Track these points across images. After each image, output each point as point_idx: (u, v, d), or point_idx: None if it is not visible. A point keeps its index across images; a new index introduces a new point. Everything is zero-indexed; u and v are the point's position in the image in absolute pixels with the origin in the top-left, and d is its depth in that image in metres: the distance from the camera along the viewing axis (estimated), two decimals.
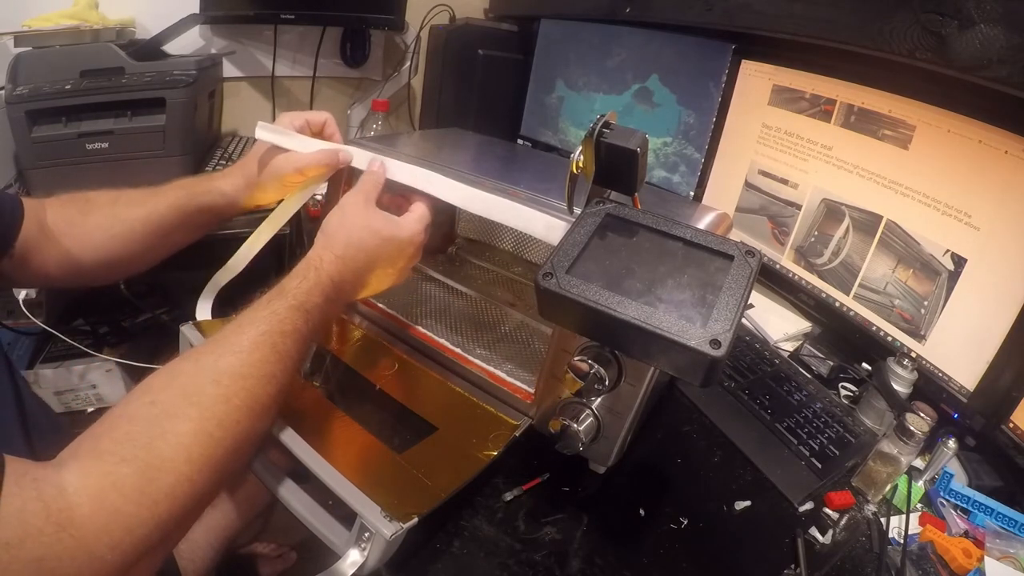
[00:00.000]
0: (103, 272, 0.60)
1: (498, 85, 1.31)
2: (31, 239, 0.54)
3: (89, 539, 0.30)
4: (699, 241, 0.44)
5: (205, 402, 0.37)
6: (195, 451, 0.35)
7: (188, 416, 0.36)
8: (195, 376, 0.39)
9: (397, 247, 0.52)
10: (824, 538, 0.57)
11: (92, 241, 0.58)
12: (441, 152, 0.76)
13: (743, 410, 0.72)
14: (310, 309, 0.45)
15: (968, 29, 0.57)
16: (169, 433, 0.35)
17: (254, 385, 0.40)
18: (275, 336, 0.42)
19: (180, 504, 0.34)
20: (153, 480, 0.33)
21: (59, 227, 0.56)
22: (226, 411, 0.38)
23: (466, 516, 0.54)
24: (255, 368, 0.40)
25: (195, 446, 0.36)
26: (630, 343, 0.41)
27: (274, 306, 0.44)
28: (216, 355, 0.40)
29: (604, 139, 0.44)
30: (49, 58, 0.89)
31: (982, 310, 0.68)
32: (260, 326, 0.42)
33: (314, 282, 0.47)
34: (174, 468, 0.34)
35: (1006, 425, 0.64)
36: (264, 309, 0.44)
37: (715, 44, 0.96)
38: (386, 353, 0.67)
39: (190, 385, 0.38)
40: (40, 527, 0.29)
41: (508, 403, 0.60)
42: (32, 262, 0.54)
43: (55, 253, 0.56)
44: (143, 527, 0.32)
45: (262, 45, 1.27)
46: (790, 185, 0.91)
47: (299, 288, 0.46)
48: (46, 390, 1.11)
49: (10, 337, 0.98)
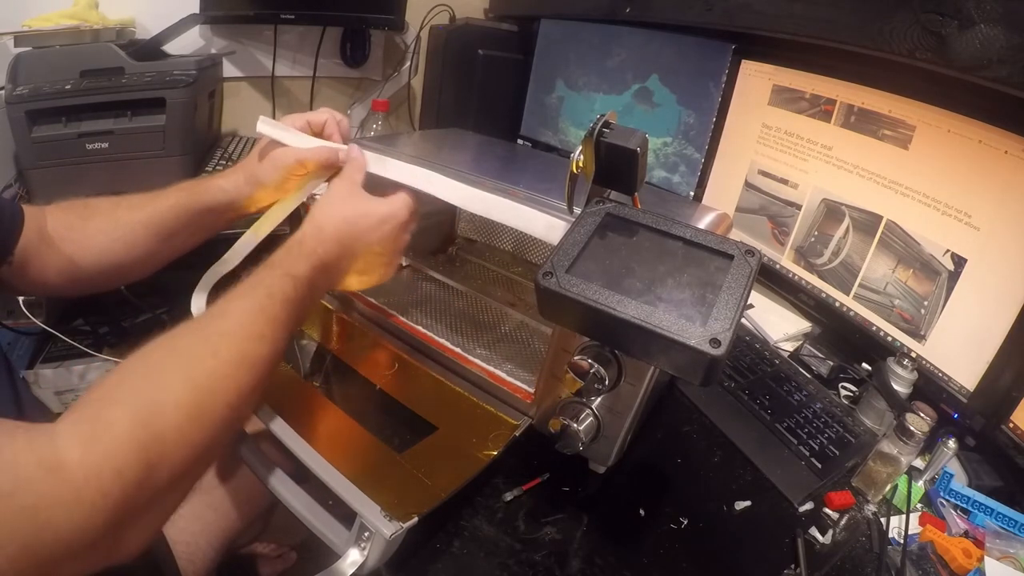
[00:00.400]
0: (104, 278, 0.59)
1: (498, 85, 1.31)
2: (31, 246, 0.53)
3: (79, 482, 0.30)
4: (699, 240, 0.44)
5: (194, 356, 0.39)
6: (183, 397, 0.36)
7: (176, 367, 0.38)
8: (183, 337, 0.40)
9: (379, 219, 0.54)
10: (824, 538, 0.57)
11: (93, 245, 0.57)
12: (441, 152, 0.76)
13: (743, 410, 0.72)
14: (297, 276, 0.47)
15: (968, 29, 0.57)
16: (158, 382, 0.36)
17: (242, 342, 0.41)
18: (262, 300, 0.44)
19: (170, 453, 0.34)
20: (142, 423, 0.34)
21: (59, 232, 0.56)
22: (214, 364, 0.39)
23: (466, 516, 0.54)
24: (243, 328, 0.42)
25: (184, 393, 0.36)
26: (630, 342, 0.41)
27: (260, 275, 0.46)
28: (205, 320, 0.43)
29: (604, 139, 0.44)
30: (49, 58, 0.89)
31: (982, 310, 0.68)
32: (247, 292, 0.44)
33: (299, 253, 0.49)
34: (163, 412, 0.35)
35: (1006, 425, 0.64)
36: (251, 280, 0.46)
37: (715, 44, 0.96)
38: (386, 353, 0.67)
39: (180, 345, 0.40)
40: (31, 474, 0.29)
41: (508, 403, 0.60)
42: (32, 269, 0.54)
43: (55, 259, 0.55)
44: (132, 471, 0.32)
45: (262, 45, 1.27)
46: (790, 185, 0.91)
47: (285, 258, 0.48)
48: (46, 390, 1.11)
49: (10, 337, 0.98)
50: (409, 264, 0.86)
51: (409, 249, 0.86)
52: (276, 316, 0.44)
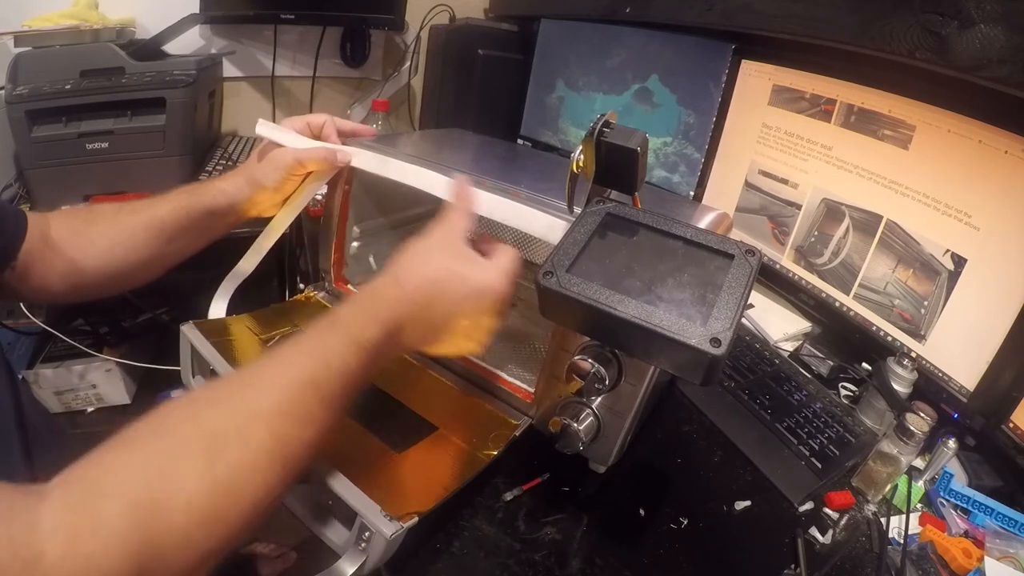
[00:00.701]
0: (107, 282, 0.59)
1: (498, 85, 1.31)
2: (35, 250, 0.53)
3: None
4: (699, 240, 0.44)
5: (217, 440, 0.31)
6: (196, 498, 0.30)
7: (195, 455, 0.31)
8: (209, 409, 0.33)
9: (474, 288, 0.43)
10: (824, 538, 0.57)
11: (95, 249, 0.56)
12: (441, 152, 0.76)
13: (743, 410, 0.72)
14: (364, 344, 0.38)
15: (968, 29, 0.57)
16: (169, 472, 0.30)
17: (282, 426, 0.33)
18: (317, 371, 0.36)
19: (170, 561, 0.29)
20: (140, 525, 0.28)
21: (63, 237, 0.55)
22: (242, 455, 0.32)
23: (466, 516, 0.54)
24: (286, 407, 0.34)
25: (197, 491, 0.30)
26: (630, 342, 0.41)
27: (319, 335, 0.38)
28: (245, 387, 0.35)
29: (604, 139, 0.44)
30: (49, 58, 0.90)
31: (982, 310, 0.68)
32: (299, 356, 0.36)
33: (374, 315, 0.40)
34: (167, 514, 0.29)
35: (1006, 425, 0.64)
36: (310, 340, 0.38)
37: (715, 44, 0.96)
38: None
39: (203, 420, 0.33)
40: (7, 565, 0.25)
41: (508, 403, 0.60)
42: (35, 274, 0.53)
43: (58, 264, 0.55)
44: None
45: (262, 45, 1.27)
46: (790, 185, 0.91)
47: (354, 319, 0.39)
48: (46, 390, 1.11)
49: (10, 337, 0.98)
50: None
51: None
52: (331, 393, 0.36)
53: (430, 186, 0.58)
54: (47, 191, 0.91)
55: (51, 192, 0.91)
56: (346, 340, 0.38)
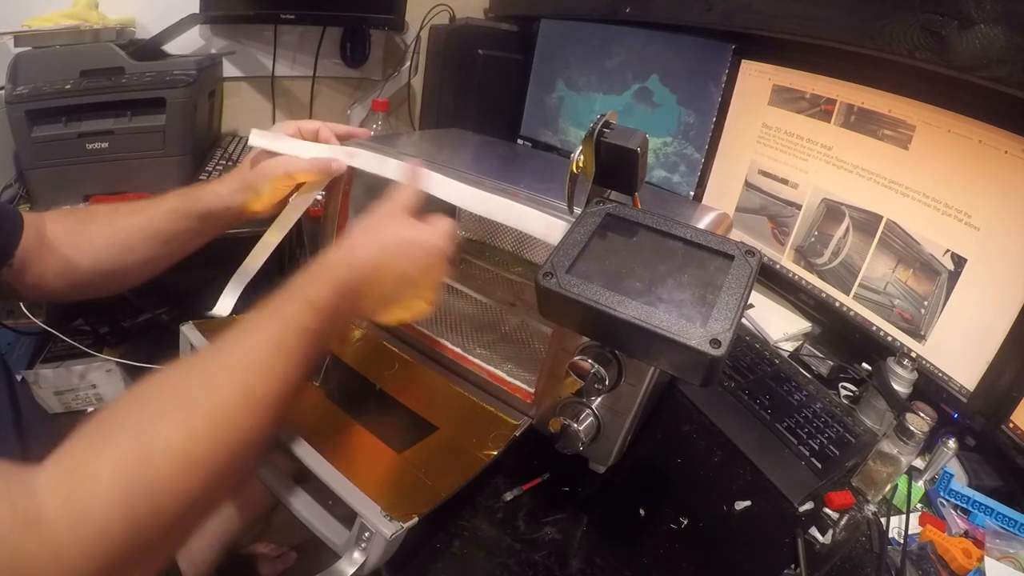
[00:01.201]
0: (102, 281, 0.60)
1: (498, 85, 1.31)
2: (31, 248, 0.54)
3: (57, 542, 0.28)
4: (699, 241, 0.44)
5: (190, 396, 0.35)
6: (176, 445, 0.32)
7: (170, 409, 0.34)
8: (186, 373, 0.37)
9: (419, 246, 0.48)
10: (824, 538, 0.57)
11: (91, 249, 0.57)
12: (441, 152, 0.76)
13: (743, 410, 0.72)
14: (319, 305, 0.42)
15: (968, 29, 0.57)
16: (147, 427, 0.33)
17: (247, 377, 0.37)
18: (276, 330, 0.39)
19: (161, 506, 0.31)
20: (127, 476, 0.30)
21: (59, 236, 0.56)
22: (213, 404, 0.35)
23: (466, 516, 0.54)
24: (249, 361, 0.38)
25: (176, 439, 0.32)
26: (630, 342, 0.41)
27: (275, 302, 0.41)
28: (208, 353, 0.39)
29: (604, 139, 0.44)
30: (49, 58, 0.89)
31: (982, 310, 0.68)
32: (258, 321, 0.40)
33: (321, 277, 0.44)
34: (151, 462, 0.31)
35: (1006, 425, 0.64)
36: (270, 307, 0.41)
37: (715, 44, 0.96)
38: (386, 353, 0.67)
39: (176, 382, 0.36)
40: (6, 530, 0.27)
41: (508, 403, 0.60)
42: (31, 273, 0.54)
43: (54, 263, 0.56)
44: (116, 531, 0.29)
45: (262, 45, 1.27)
46: (790, 185, 0.91)
47: (305, 283, 0.43)
48: (46, 390, 1.11)
49: (10, 337, 0.98)
50: None
51: None
52: (291, 348, 0.39)
53: (430, 186, 0.58)
54: (47, 191, 0.91)
55: (51, 192, 0.91)
56: (301, 302, 0.41)
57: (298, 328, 0.40)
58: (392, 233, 0.47)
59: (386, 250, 0.47)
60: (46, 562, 0.28)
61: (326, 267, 0.44)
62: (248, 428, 0.36)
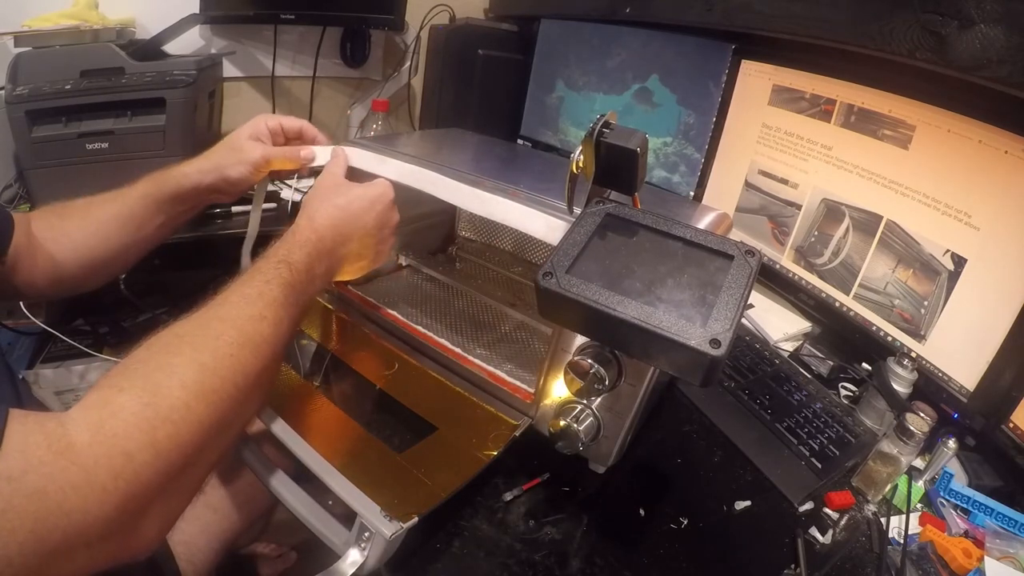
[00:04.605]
0: (85, 274, 0.61)
1: (498, 85, 1.31)
2: (21, 248, 0.55)
3: (90, 466, 0.31)
4: (699, 241, 0.44)
5: (196, 340, 0.40)
6: (189, 377, 0.37)
7: (180, 351, 0.39)
8: (186, 324, 0.42)
9: (369, 201, 0.56)
10: (824, 538, 0.57)
11: (71, 242, 0.59)
12: (441, 152, 0.76)
13: (743, 410, 0.72)
14: (293, 262, 0.48)
15: (968, 29, 0.57)
16: (163, 366, 0.37)
17: (243, 323, 0.42)
18: (259, 285, 0.45)
19: (179, 432, 0.35)
20: (149, 404, 0.34)
21: (42, 233, 0.58)
22: (217, 345, 0.40)
23: (466, 516, 0.54)
24: (242, 311, 0.43)
25: (188, 373, 0.37)
26: (630, 343, 0.41)
27: (256, 266, 0.48)
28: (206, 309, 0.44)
29: (604, 139, 0.44)
30: (49, 58, 0.89)
31: (982, 310, 0.68)
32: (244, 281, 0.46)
33: (293, 243, 0.50)
34: (169, 393, 0.36)
35: (1006, 425, 0.64)
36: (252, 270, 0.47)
37: (715, 44, 0.96)
38: (386, 353, 0.67)
39: (182, 331, 0.41)
40: (41, 457, 0.30)
41: (508, 403, 0.60)
42: (21, 271, 0.56)
43: (40, 260, 0.57)
44: (142, 452, 0.33)
45: (262, 45, 1.27)
46: (790, 185, 0.91)
47: (279, 248, 0.49)
48: (46, 390, 1.11)
49: (10, 337, 0.98)
50: (409, 264, 0.86)
51: (409, 249, 0.86)
52: (275, 298, 0.45)
53: (430, 186, 0.58)
54: (47, 191, 0.91)
55: (51, 192, 0.91)
56: (276, 262, 0.48)
57: (278, 281, 0.46)
58: (341, 196, 0.55)
59: (343, 210, 0.54)
60: (78, 485, 0.30)
61: (294, 235, 0.51)
62: (249, 363, 0.41)
